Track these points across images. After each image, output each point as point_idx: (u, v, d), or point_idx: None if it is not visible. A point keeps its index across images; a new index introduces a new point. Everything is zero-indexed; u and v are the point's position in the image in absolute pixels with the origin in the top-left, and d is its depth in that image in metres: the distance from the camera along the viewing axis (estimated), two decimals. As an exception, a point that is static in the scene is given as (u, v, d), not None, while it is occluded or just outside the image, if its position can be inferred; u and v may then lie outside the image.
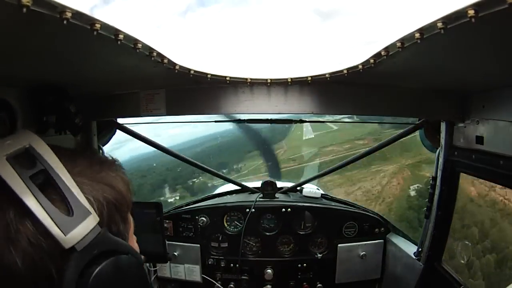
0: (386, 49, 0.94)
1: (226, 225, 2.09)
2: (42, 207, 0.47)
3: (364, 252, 2.03)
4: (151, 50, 0.93)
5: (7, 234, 0.46)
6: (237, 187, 2.44)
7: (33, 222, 0.46)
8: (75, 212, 0.49)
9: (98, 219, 0.51)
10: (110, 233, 0.53)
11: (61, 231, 0.47)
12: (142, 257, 0.60)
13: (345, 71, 1.21)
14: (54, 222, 0.47)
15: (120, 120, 1.82)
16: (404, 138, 1.85)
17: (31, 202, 0.47)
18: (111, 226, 0.54)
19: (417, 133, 1.71)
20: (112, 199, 0.55)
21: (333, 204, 2.21)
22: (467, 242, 1.52)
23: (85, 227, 0.49)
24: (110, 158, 0.64)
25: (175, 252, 2.05)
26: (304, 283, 2.06)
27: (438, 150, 1.60)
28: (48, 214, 0.47)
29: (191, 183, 17.59)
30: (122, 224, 0.58)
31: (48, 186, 0.49)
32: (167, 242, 1.80)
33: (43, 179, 0.50)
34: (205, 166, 2.38)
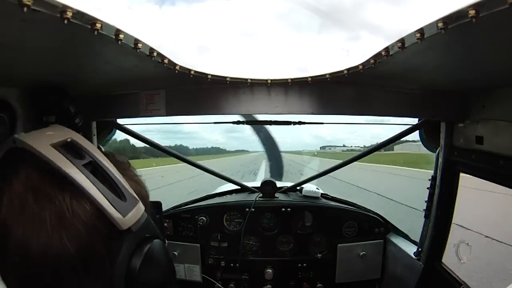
0: (386, 49, 0.94)
1: (226, 224, 2.09)
2: (98, 189, 0.49)
3: (364, 252, 2.03)
4: (151, 50, 0.93)
5: (61, 220, 0.47)
6: (237, 187, 2.44)
7: (91, 203, 0.48)
8: (127, 198, 0.52)
9: (144, 207, 0.55)
10: None
11: (119, 213, 0.49)
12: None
13: (345, 71, 1.21)
14: (112, 204, 0.49)
15: (120, 121, 1.82)
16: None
17: (87, 185, 0.48)
18: (148, 215, 0.58)
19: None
20: (142, 193, 0.60)
21: (333, 203, 2.21)
22: (467, 242, 1.52)
23: (138, 211, 0.53)
24: (127, 160, 0.66)
25: (175, 251, 2.05)
26: (304, 283, 2.06)
27: (438, 150, 1.60)
28: (105, 196, 0.49)
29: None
30: (149, 215, 0.61)
31: (99, 174, 0.52)
32: (167, 241, 1.80)
33: (93, 169, 0.52)
34: (205, 166, 2.38)
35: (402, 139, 2.05)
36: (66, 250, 0.46)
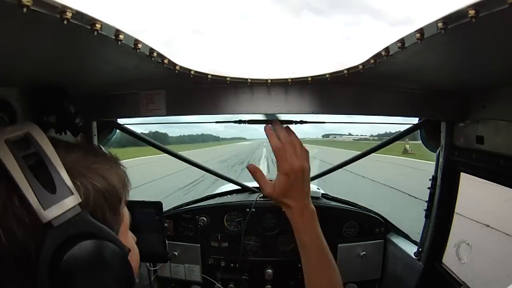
0: (386, 49, 0.94)
1: (226, 224, 2.10)
2: (28, 182, 0.49)
3: (364, 252, 2.03)
4: (151, 50, 0.93)
5: None
6: (237, 187, 2.44)
7: (19, 196, 0.49)
8: (58, 190, 0.51)
9: (79, 200, 0.53)
10: (94, 219, 0.54)
11: (41, 205, 0.49)
12: (139, 254, 0.64)
13: (345, 71, 1.21)
14: (36, 197, 0.49)
15: (120, 121, 1.82)
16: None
17: (19, 177, 0.49)
18: (96, 213, 0.55)
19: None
20: (101, 188, 0.57)
21: (333, 203, 2.21)
22: (467, 242, 1.52)
23: (64, 205, 0.51)
24: (109, 153, 0.65)
25: (175, 251, 2.05)
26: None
27: (438, 150, 1.60)
28: (32, 189, 0.49)
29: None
30: (110, 214, 0.58)
31: (37, 167, 0.52)
32: (167, 241, 1.80)
33: (35, 160, 0.53)
34: (205, 166, 2.38)
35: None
36: (1, 241, 0.48)
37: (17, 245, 0.48)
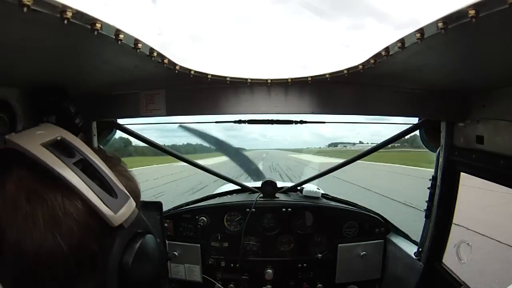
0: (386, 49, 0.94)
1: (226, 225, 2.09)
2: (89, 187, 0.49)
3: (364, 252, 2.03)
4: (151, 50, 0.93)
5: (53, 219, 0.47)
6: (237, 187, 2.44)
7: (83, 202, 0.48)
8: (118, 195, 0.53)
9: (135, 203, 0.56)
10: None
11: (111, 210, 0.50)
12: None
13: (345, 71, 1.21)
14: (103, 202, 0.49)
15: (120, 121, 1.82)
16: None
17: (78, 183, 0.49)
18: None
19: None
20: (134, 188, 0.60)
21: (333, 203, 2.21)
22: (467, 242, 1.52)
23: (129, 208, 0.53)
24: (113, 154, 0.66)
25: (175, 251, 2.05)
26: (304, 283, 2.06)
27: (438, 150, 1.60)
28: (96, 194, 0.49)
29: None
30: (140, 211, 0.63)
31: (90, 172, 0.52)
32: (167, 241, 1.80)
33: (84, 166, 0.52)
34: (205, 166, 2.38)
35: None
36: (60, 249, 0.47)
37: (80, 250, 0.48)
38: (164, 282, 0.63)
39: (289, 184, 2.38)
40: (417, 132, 1.75)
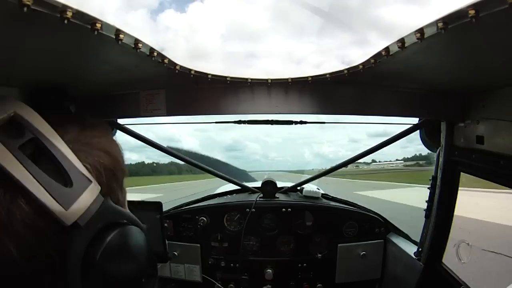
0: (387, 49, 0.94)
1: (226, 225, 2.10)
2: (36, 179, 0.41)
3: (364, 252, 2.03)
4: (151, 50, 0.93)
5: None
6: (237, 187, 2.44)
7: (27, 199, 0.40)
8: (74, 182, 0.43)
9: (99, 188, 0.46)
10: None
11: (61, 206, 0.41)
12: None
13: (345, 71, 1.21)
14: (52, 196, 0.41)
15: (120, 121, 1.82)
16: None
17: (23, 176, 0.40)
18: (111, 196, 0.49)
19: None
20: (109, 166, 0.50)
21: (333, 204, 2.22)
22: (467, 242, 1.52)
23: (87, 198, 0.44)
24: (101, 121, 0.58)
25: (175, 251, 2.05)
26: (304, 283, 2.06)
27: (438, 150, 1.60)
28: (44, 187, 0.41)
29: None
30: (120, 193, 0.53)
31: (40, 156, 0.43)
32: (167, 241, 1.80)
33: (34, 148, 0.43)
34: (206, 166, 2.38)
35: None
36: (9, 254, 0.40)
37: (34, 256, 0.41)
38: (150, 283, 0.53)
39: (289, 184, 2.38)
40: (417, 133, 1.75)
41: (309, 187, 2.27)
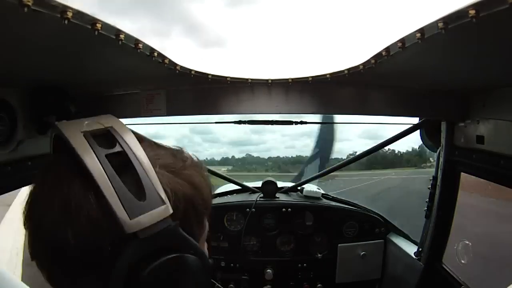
0: (387, 49, 0.94)
1: (226, 224, 2.10)
2: (111, 183, 0.43)
3: (364, 252, 2.04)
4: (152, 50, 0.93)
5: (66, 207, 0.44)
6: (237, 187, 2.44)
7: (98, 197, 0.43)
8: (148, 198, 0.45)
9: (171, 211, 0.46)
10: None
11: (127, 213, 0.43)
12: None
13: (345, 71, 1.21)
14: (121, 202, 0.43)
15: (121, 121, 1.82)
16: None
17: (100, 175, 0.44)
18: (184, 225, 0.48)
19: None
20: (191, 197, 0.51)
21: (333, 204, 2.21)
22: (467, 242, 1.52)
23: (154, 216, 0.45)
24: (195, 158, 0.59)
25: None
26: (304, 283, 2.06)
27: (438, 150, 1.60)
28: (116, 192, 0.43)
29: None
30: (196, 227, 0.53)
31: (123, 167, 0.46)
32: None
33: (121, 161, 0.46)
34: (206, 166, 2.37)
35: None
36: (66, 240, 0.43)
37: (87, 249, 0.44)
38: None
39: (289, 184, 2.38)
40: (417, 133, 1.75)
41: (309, 187, 2.26)
